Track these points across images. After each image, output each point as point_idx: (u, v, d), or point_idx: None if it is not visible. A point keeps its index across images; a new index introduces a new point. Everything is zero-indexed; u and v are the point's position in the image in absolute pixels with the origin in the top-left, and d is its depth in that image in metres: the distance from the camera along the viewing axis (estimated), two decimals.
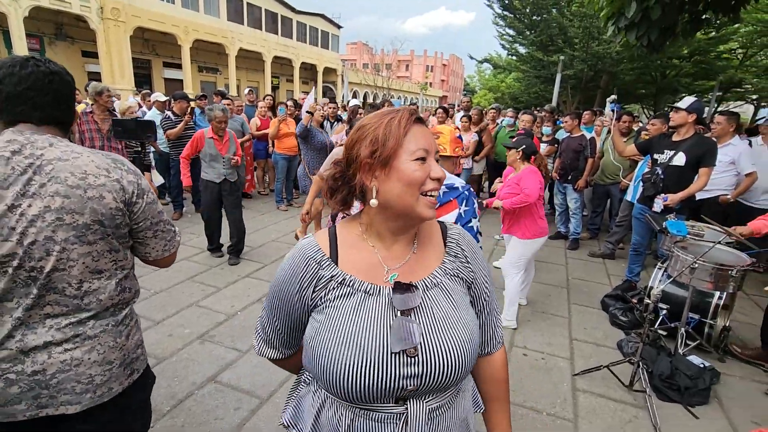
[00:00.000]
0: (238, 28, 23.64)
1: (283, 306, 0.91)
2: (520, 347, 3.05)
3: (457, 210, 1.69)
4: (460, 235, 0.98)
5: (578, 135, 5.26)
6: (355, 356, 0.80)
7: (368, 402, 0.83)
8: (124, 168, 1.11)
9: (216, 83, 24.11)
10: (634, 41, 4.07)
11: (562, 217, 5.70)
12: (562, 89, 17.23)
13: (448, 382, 0.85)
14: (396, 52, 36.86)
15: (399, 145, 0.82)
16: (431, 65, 67.29)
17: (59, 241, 0.99)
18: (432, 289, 0.88)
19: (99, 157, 1.07)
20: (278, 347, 0.99)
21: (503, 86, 34.41)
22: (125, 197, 1.08)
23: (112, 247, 1.10)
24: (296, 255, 0.90)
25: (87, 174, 1.03)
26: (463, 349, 0.85)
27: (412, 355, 0.81)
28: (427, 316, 0.85)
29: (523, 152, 3.22)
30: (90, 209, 1.02)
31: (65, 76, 1.11)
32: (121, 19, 17.05)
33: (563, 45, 16.33)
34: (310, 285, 0.87)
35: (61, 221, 0.99)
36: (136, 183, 1.11)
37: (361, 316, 0.83)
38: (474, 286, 0.96)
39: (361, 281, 0.86)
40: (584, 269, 4.68)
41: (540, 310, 3.65)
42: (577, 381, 2.69)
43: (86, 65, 17.93)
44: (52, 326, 1.02)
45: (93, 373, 1.06)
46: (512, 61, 22.18)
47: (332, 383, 0.82)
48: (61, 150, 1.02)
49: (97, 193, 1.03)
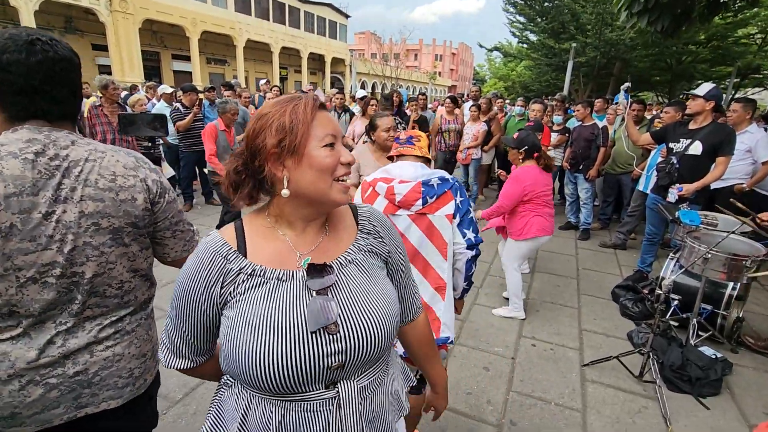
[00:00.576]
0: (246, 18, 23.58)
1: (189, 309, 0.85)
2: (528, 338, 3.04)
3: (453, 201, 1.69)
4: (371, 213, 0.99)
5: (590, 124, 5.16)
6: (274, 342, 0.77)
7: (297, 391, 0.81)
8: (147, 166, 1.09)
9: (224, 75, 24.16)
10: (647, 27, 3.97)
11: (573, 207, 5.63)
12: (574, 77, 16.92)
13: (374, 354, 0.85)
14: (404, 41, 36.41)
15: (308, 131, 0.80)
16: (440, 54, 66.52)
17: (97, 246, 0.98)
18: (347, 266, 0.89)
19: (123, 156, 1.05)
20: (188, 356, 0.91)
21: (513, 75, 33.88)
22: (150, 197, 1.06)
23: (144, 245, 1.10)
24: (200, 252, 0.84)
25: (116, 175, 1.00)
26: (383, 319, 0.86)
27: (333, 332, 0.81)
28: (344, 292, 0.85)
29: (525, 152, 3.12)
30: (124, 212, 1.01)
31: (75, 59, 1.01)
32: (129, 11, 17.10)
33: (575, 32, 15.99)
34: (218, 281, 0.82)
35: (97, 226, 0.98)
36: (158, 182, 1.09)
37: (275, 302, 0.81)
38: (390, 260, 0.98)
39: (272, 269, 0.83)
40: (595, 260, 4.64)
41: (549, 300, 3.63)
42: (586, 371, 2.68)
43: (96, 58, 18.08)
44: (94, 327, 1.02)
45: (132, 366, 1.08)
46: (523, 49, 21.80)
47: (255, 376, 0.78)
48: (85, 149, 0.98)
49: (129, 195, 1.01)
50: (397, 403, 0.99)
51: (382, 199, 1.66)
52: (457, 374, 2.60)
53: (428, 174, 1.69)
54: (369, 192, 1.70)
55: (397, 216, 1.64)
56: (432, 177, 1.67)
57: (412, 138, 1.81)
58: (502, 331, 3.10)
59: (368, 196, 1.70)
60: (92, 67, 17.64)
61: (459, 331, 3.08)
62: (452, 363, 2.70)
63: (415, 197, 1.62)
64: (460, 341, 2.95)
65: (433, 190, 1.64)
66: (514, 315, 3.29)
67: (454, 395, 2.41)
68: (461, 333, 3.05)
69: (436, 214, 1.65)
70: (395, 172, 1.71)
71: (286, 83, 28.23)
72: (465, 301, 3.46)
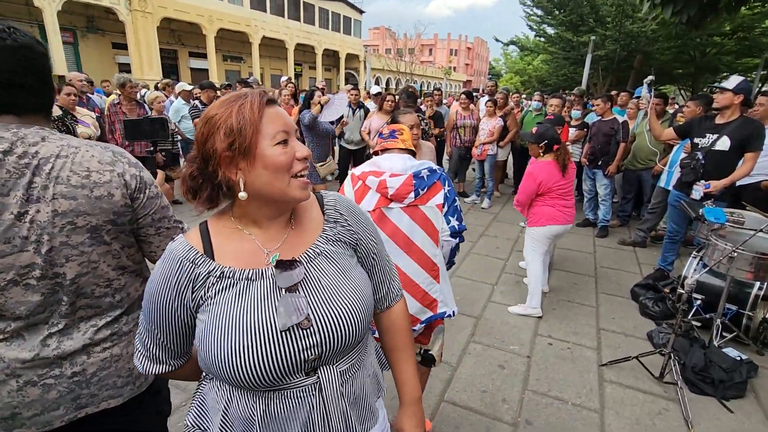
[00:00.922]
0: (262, 16, 23.72)
1: (162, 315, 0.85)
2: (544, 336, 3.00)
3: (443, 190, 1.74)
4: (337, 201, 0.98)
5: (610, 118, 5.04)
6: (248, 342, 0.78)
7: (277, 384, 0.81)
8: (126, 160, 1.03)
9: (240, 72, 24.38)
10: (671, 18, 3.84)
11: (591, 204, 5.52)
12: (593, 71, 16.54)
13: (349, 342, 0.87)
14: (419, 36, 36.16)
15: (257, 131, 0.78)
16: (455, 49, 65.85)
17: (76, 245, 0.95)
18: (316, 259, 0.88)
19: (98, 150, 0.98)
20: (165, 360, 0.90)
21: (530, 69, 33.33)
22: (129, 192, 1.01)
23: (128, 243, 1.06)
24: (166, 259, 0.84)
25: (90, 171, 0.95)
26: (355, 309, 0.86)
27: (306, 327, 0.81)
28: (314, 286, 0.85)
29: (545, 146, 3.09)
30: (100, 209, 0.96)
31: (37, 46, 0.94)
32: (148, 10, 17.37)
33: (594, 24, 15.62)
34: (188, 286, 0.82)
35: (73, 225, 0.93)
36: (138, 176, 1.03)
37: (246, 302, 0.81)
38: (359, 245, 0.97)
39: (241, 270, 0.83)
40: (613, 258, 4.54)
41: (566, 299, 3.57)
42: (604, 371, 2.63)
43: (116, 57, 18.43)
44: (89, 328, 1.01)
45: (131, 366, 1.08)
46: (540, 43, 21.43)
47: (233, 376, 0.78)
48: (56, 145, 0.93)
49: (105, 191, 0.96)
50: (376, 384, 1.00)
51: (374, 193, 1.68)
52: (472, 371, 2.58)
53: (417, 165, 1.72)
54: (359, 185, 1.71)
55: (389, 209, 1.67)
56: (421, 169, 1.70)
57: (395, 132, 1.84)
58: (517, 329, 3.07)
59: (358, 188, 1.71)
60: (112, 65, 18.00)
61: (474, 328, 3.06)
62: (467, 360, 2.69)
63: (407, 190, 1.65)
64: (475, 338, 2.93)
65: (423, 182, 1.68)
66: (530, 313, 3.25)
67: (469, 392, 2.40)
68: (476, 330, 3.03)
69: (427, 205, 1.70)
70: (385, 165, 1.72)
71: (301, 79, 28.34)
72: (479, 298, 3.45)
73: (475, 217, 5.85)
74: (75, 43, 16.87)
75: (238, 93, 0.81)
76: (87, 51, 17.42)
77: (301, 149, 0.83)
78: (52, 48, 14.42)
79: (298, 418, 0.83)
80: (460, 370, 2.60)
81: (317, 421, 0.84)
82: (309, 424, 0.84)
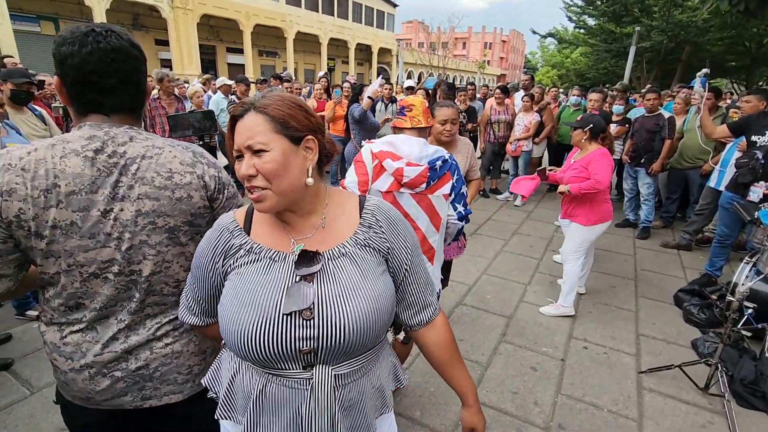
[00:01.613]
0: (297, 11, 24.02)
1: (201, 275, 0.94)
2: (579, 339, 2.90)
3: (451, 181, 1.82)
4: (377, 207, 0.98)
5: (654, 114, 4.78)
6: (253, 317, 0.82)
7: (274, 366, 0.85)
8: (205, 161, 1.05)
9: (275, 66, 24.83)
10: (727, 7, 3.58)
11: (631, 204, 5.28)
12: (636, 64, 15.75)
13: (349, 347, 0.85)
14: (453, 30, 35.59)
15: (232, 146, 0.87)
16: (489, 42, 64.40)
17: (154, 245, 0.98)
18: (339, 258, 0.89)
19: (180, 151, 1.01)
20: (199, 315, 1.01)
21: (568, 62, 32.15)
22: (208, 193, 1.03)
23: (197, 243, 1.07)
24: (214, 226, 0.95)
25: (173, 173, 0.98)
26: (363, 314, 0.85)
27: (307, 317, 0.83)
28: (329, 282, 0.86)
29: (590, 132, 2.98)
30: (179, 210, 0.99)
31: (131, 50, 0.96)
32: (188, 7, 17.95)
33: (639, 14, 14.86)
34: (222, 253, 0.91)
35: (153, 225, 0.97)
36: (217, 177, 1.05)
37: (263, 280, 0.86)
38: (391, 256, 0.96)
39: (268, 249, 0.89)
40: (655, 260, 4.33)
41: (603, 302, 3.44)
42: (643, 379, 2.52)
43: (159, 53, 19.19)
44: (154, 325, 1.04)
45: (191, 363, 1.10)
46: (580, 35, 20.63)
47: (235, 344, 0.84)
48: (142, 145, 0.97)
49: (185, 193, 0.99)
50: (380, 400, 0.98)
51: (388, 176, 1.75)
52: (502, 372, 2.53)
53: (432, 154, 1.79)
54: (375, 163, 1.77)
55: (401, 193, 1.77)
56: (436, 161, 1.77)
57: (404, 108, 1.85)
58: (550, 331, 2.98)
59: (375, 166, 1.77)
60: (155, 61, 18.77)
61: (505, 328, 3.00)
62: (498, 361, 2.64)
63: (421, 181, 1.74)
64: (506, 339, 2.87)
65: (436, 174, 1.77)
66: (562, 312, 3.16)
67: (499, 393, 2.36)
68: (507, 330, 2.97)
69: (435, 194, 1.80)
70: (403, 149, 1.76)
71: (333, 74, 28.54)
72: (511, 298, 3.38)
73: (507, 214, 5.73)
74: None
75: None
76: None
77: (242, 168, 0.84)
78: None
79: (288, 407, 0.86)
80: (491, 370, 2.56)
81: (305, 417, 0.85)
82: (297, 417, 0.86)
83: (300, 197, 0.88)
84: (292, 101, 0.88)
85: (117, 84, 0.95)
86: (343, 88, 6.20)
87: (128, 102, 0.99)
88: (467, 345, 2.76)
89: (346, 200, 0.98)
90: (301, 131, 0.86)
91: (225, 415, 0.96)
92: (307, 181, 0.87)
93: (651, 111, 4.81)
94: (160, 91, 4.87)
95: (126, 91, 0.97)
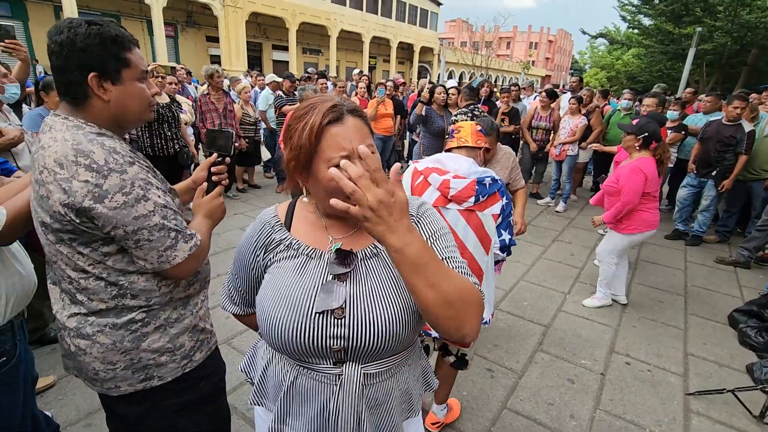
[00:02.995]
0: (341, 9, 24.31)
1: (243, 267, 0.98)
2: (621, 354, 2.77)
3: (501, 202, 1.75)
4: (419, 209, 0.95)
5: (734, 124, 4.35)
6: (287, 313, 0.85)
7: (306, 360, 0.88)
8: (84, 163, 0.92)
9: (318, 64, 25.26)
10: None
11: (683, 215, 4.98)
12: (695, 66, 14.80)
13: (379, 348, 0.85)
14: (497, 29, 34.77)
15: (314, 152, 0.80)
16: (535, 42, 62.54)
17: (43, 233, 1.01)
18: (372, 258, 0.90)
19: (63, 147, 0.93)
20: (239, 304, 1.05)
21: (619, 64, 30.67)
22: (70, 201, 0.92)
23: (78, 250, 0.99)
24: (257, 220, 0.98)
25: (45, 168, 0.94)
26: (395, 318, 0.85)
27: (339, 317, 0.84)
28: (362, 283, 0.87)
29: (643, 140, 2.85)
30: (43, 209, 0.97)
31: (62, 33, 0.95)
32: (239, 5, 18.58)
33: (702, 14, 13.95)
34: (263, 247, 0.94)
35: (37, 214, 1.00)
36: (93, 184, 0.92)
37: (299, 276, 0.88)
38: None
39: (306, 246, 0.91)
40: (709, 277, 4.06)
41: (648, 316, 3.27)
42: (691, 401, 2.38)
43: (209, 49, 20.00)
44: (65, 311, 1.07)
45: (96, 367, 1.07)
46: (633, 35, 19.64)
47: (270, 336, 0.87)
48: (49, 136, 0.97)
49: (45, 191, 0.94)
50: (407, 403, 0.99)
51: (434, 190, 1.71)
52: (538, 382, 2.47)
53: (481, 172, 1.74)
54: (420, 180, 1.73)
55: (447, 209, 1.71)
56: (485, 177, 1.72)
57: (453, 131, 1.93)
58: (590, 343, 2.87)
59: (419, 183, 1.73)
60: (205, 57, 19.58)
61: (542, 336, 2.91)
62: (533, 369, 2.57)
63: (468, 194, 1.68)
64: (543, 348, 2.79)
65: (485, 190, 1.71)
66: (603, 303, 3.29)
67: (533, 403, 2.30)
68: (544, 339, 2.89)
69: (485, 212, 1.73)
70: (450, 165, 1.74)
71: (374, 72, 28.68)
72: (549, 306, 3.28)
73: (548, 220, 5.56)
74: (175, 36, 18.56)
75: (309, 105, 0.83)
76: (185, 44, 19.10)
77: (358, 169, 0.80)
78: (156, 41, 16.03)
79: (316, 400, 0.89)
80: (525, 378, 2.49)
81: (332, 412, 0.87)
82: (325, 410, 0.88)
83: None
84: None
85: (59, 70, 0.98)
86: (387, 86, 6.22)
87: (64, 87, 1.00)
88: (501, 351, 2.70)
89: None
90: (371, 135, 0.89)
91: (257, 401, 1.00)
92: None
93: (732, 120, 4.37)
94: (209, 87, 5.07)
95: (62, 76, 0.98)
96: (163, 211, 1.01)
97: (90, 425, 1.99)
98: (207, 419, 1.26)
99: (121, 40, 1.01)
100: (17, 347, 1.31)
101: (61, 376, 2.28)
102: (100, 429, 1.95)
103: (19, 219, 1.12)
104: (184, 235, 1.05)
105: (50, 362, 2.38)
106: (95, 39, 0.96)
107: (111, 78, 1.00)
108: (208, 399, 1.26)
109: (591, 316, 3.21)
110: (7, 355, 1.27)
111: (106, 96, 1.00)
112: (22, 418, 1.36)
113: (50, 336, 2.52)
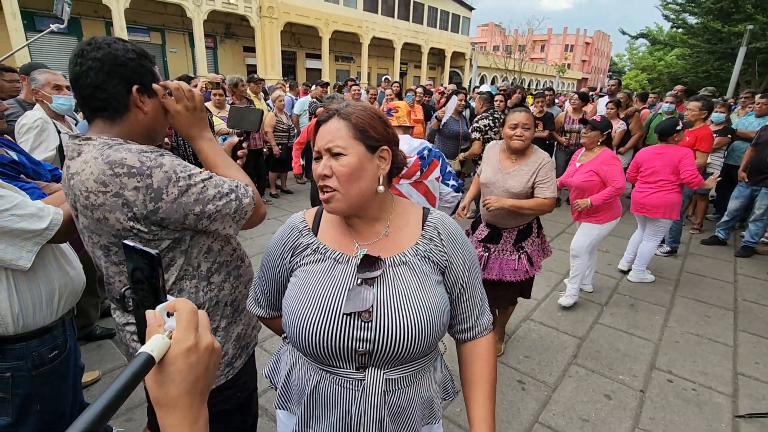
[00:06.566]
0: (373, 17, 24.60)
1: (270, 270, 1.01)
2: (663, 371, 2.63)
3: (438, 165, 2.15)
4: (440, 221, 0.99)
5: None
6: (314, 314, 0.87)
7: (330, 364, 0.89)
8: (123, 172, 0.93)
9: (349, 71, 25.64)
10: None
11: (730, 224, 4.70)
12: (746, 67, 13.96)
13: (403, 353, 0.87)
14: (531, 32, 34.11)
15: (313, 146, 0.93)
16: (571, 44, 60.88)
17: (99, 257, 1.07)
18: (399, 266, 0.92)
19: (95, 166, 0.93)
20: (265, 307, 1.08)
21: (661, 65, 29.36)
22: (134, 211, 0.95)
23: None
24: (285, 224, 1.02)
25: (89, 192, 0.94)
26: (420, 323, 0.87)
27: (366, 320, 0.86)
28: (388, 288, 0.89)
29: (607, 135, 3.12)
30: (103, 231, 0.99)
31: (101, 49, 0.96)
32: (274, 16, 19.18)
33: (753, 11, 13.17)
34: (291, 251, 0.97)
35: (91, 240, 1.04)
36: (143, 186, 0.93)
37: (327, 280, 0.90)
38: (448, 271, 0.96)
39: (333, 250, 0.93)
40: (762, 292, 3.79)
41: (693, 332, 3.09)
42: (740, 424, 2.22)
43: (246, 59, 20.72)
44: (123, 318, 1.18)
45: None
46: (677, 35, 18.78)
47: (296, 339, 0.89)
48: (81, 161, 0.97)
49: (101, 214, 0.96)
50: (429, 410, 0.99)
51: None
52: (572, 396, 2.38)
53: (418, 146, 2.11)
54: None
55: (399, 185, 2.06)
56: (423, 150, 2.09)
57: (391, 110, 2.22)
58: (629, 358, 2.74)
59: None
60: (242, 66, 20.31)
61: (576, 349, 2.81)
62: (567, 384, 2.48)
63: (414, 170, 2.05)
64: (578, 361, 2.69)
65: (425, 162, 2.07)
66: (571, 302, 3.32)
67: (567, 418, 2.22)
68: (579, 352, 2.78)
69: (429, 179, 2.13)
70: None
71: (405, 78, 28.78)
72: (585, 318, 3.16)
73: None
74: (215, 47, 19.36)
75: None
76: (223, 54, 19.88)
77: (318, 168, 0.89)
78: (197, 52, 16.77)
79: (339, 405, 0.89)
80: (559, 392, 2.41)
81: (354, 417, 0.88)
82: (347, 416, 0.89)
83: (368, 204, 0.92)
84: (373, 111, 0.91)
85: (89, 92, 0.98)
86: (416, 92, 6.24)
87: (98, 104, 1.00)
88: (533, 363, 2.63)
89: (411, 211, 1.01)
90: (378, 141, 0.89)
91: (281, 405, 1.02)
92: (378, 189, 0.91)
93: None
94: (233, 96, 5.19)
95: (94, 96, 0.99)
96: (212, 181, 1.03)
97: (131, 420, 2.09)
98: (233, 428, 1.31)
99: (149, 56, 1.07)
100: (68, 342, 1.40)
101: (105, 371, 2.41)
102: (140, 423, 2.04)
103: (72, 220, 1.19)
104: (237, 190, 1.08)
105: (96, 358, 2.52)
106: (133, 54, 1.01)
107: (147, 91, 1.05)
108: (239, 409, 1.31)
109: (629, 330, 3.07)
110: (59, 349, 1.36)
111: (146, 108, 1.05)
112: (71, 406, 1.46)
113: (95, 333, 2.67)
